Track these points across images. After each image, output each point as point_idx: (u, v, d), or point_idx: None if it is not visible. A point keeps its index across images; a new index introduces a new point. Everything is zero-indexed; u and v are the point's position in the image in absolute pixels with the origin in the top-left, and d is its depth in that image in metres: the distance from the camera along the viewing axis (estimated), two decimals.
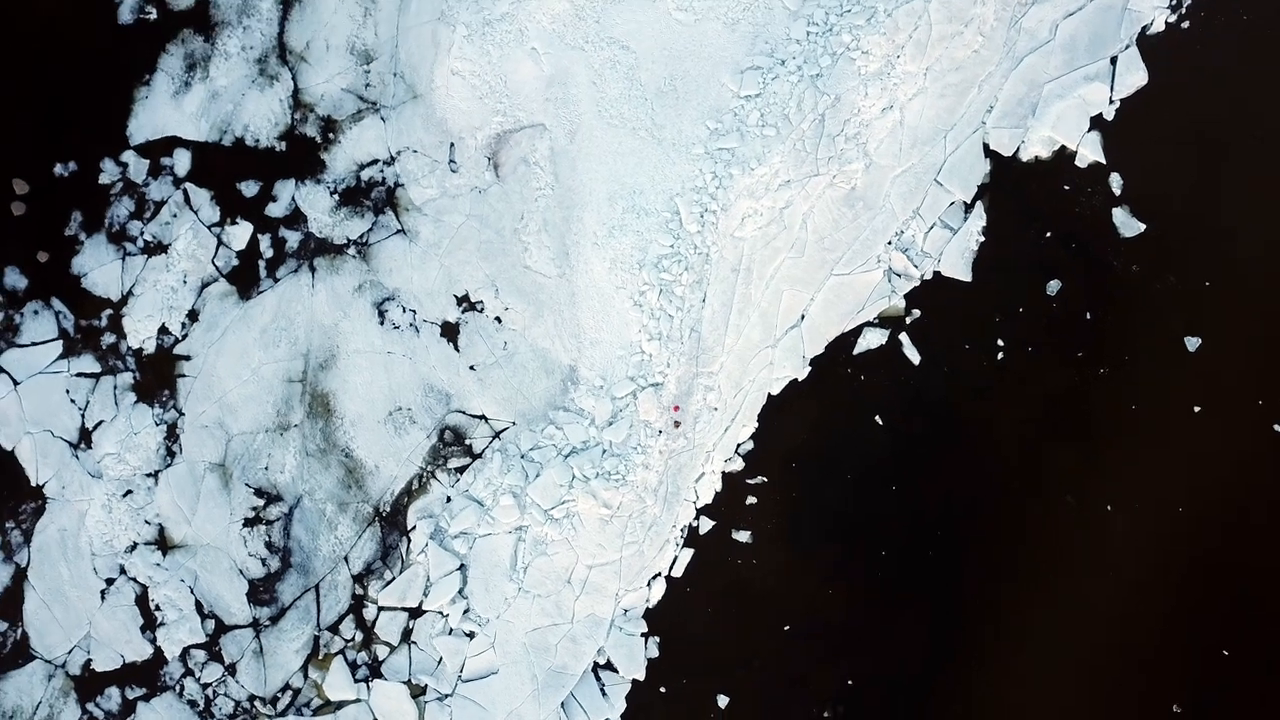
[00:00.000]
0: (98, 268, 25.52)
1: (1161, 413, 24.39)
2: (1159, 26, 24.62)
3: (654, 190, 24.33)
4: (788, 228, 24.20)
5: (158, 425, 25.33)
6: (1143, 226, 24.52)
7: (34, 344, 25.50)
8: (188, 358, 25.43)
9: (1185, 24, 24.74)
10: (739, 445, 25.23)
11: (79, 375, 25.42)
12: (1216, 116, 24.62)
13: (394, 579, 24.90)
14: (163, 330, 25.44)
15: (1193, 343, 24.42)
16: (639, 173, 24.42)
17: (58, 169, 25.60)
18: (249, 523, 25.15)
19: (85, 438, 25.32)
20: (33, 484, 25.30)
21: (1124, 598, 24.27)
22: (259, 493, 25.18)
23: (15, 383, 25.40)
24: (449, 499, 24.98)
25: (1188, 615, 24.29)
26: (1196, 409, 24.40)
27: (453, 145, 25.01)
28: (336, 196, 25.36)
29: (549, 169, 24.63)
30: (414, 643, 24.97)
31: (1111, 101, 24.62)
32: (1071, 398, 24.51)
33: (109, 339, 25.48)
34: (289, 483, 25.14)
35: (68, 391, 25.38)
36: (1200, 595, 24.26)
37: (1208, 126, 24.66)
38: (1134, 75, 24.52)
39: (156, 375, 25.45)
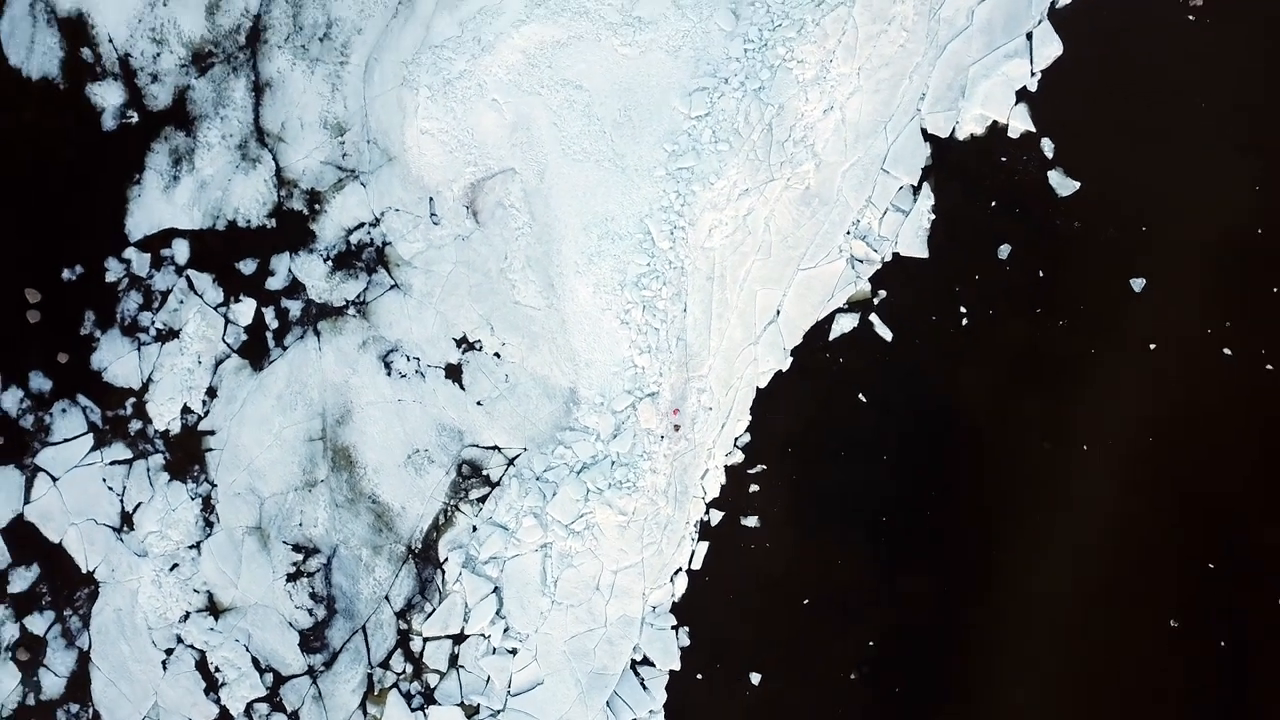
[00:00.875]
0: (116, 360, 27.12)
1: (1120, 353, 26.29)
2: (1066, 0, 26.60)
3: (624, 215, 26.08)
4: (752, 233, 26.01)
5: (193, 499, 26.94)
6: (1077, 185, 26.44)
7: (66, 440, 27.07)
8: (212, 432, 27.06)
9: None
10: (736, 439, 26.97)
11: (113, 463, 27.01)
12: (1128, 76, 26.59)
13: (434, 610, 26.54)
14: (185, 410, 27.06)
15: (1138, 284, 26.34)
16: (608, 201, 26.17)
17: (65, 274, 27.20)
18: (291, 577, 26.76)
19: (127, 520, 26.90)
20: (84, 571, 26.86)
21: (1111, 527, 26.12)
22: (297, 548, 26.80)
23: (54, 479, 26.96)
24: (475, 528, 26.64)
25: (1172, 535, 26.16)
26: (1152, 345, 26.33)
27: (432, 199, 26.74)
28: (330, 262, 27.04)
29: (524, 209, 26.37)
30: (462, 666, 26.60)
31: (1033, 74, 26.54)
32: (1035, 351, 26.40)
33: (136, 425, 27.08)
34: (323, 535, 26.76)
35: (104, 480, 26.96)
36: (1181, 515, 26.14)
37: (1122, 85, 26.61)
38: (1049, 47, 26.46)
39: (185, 453, 27.07)
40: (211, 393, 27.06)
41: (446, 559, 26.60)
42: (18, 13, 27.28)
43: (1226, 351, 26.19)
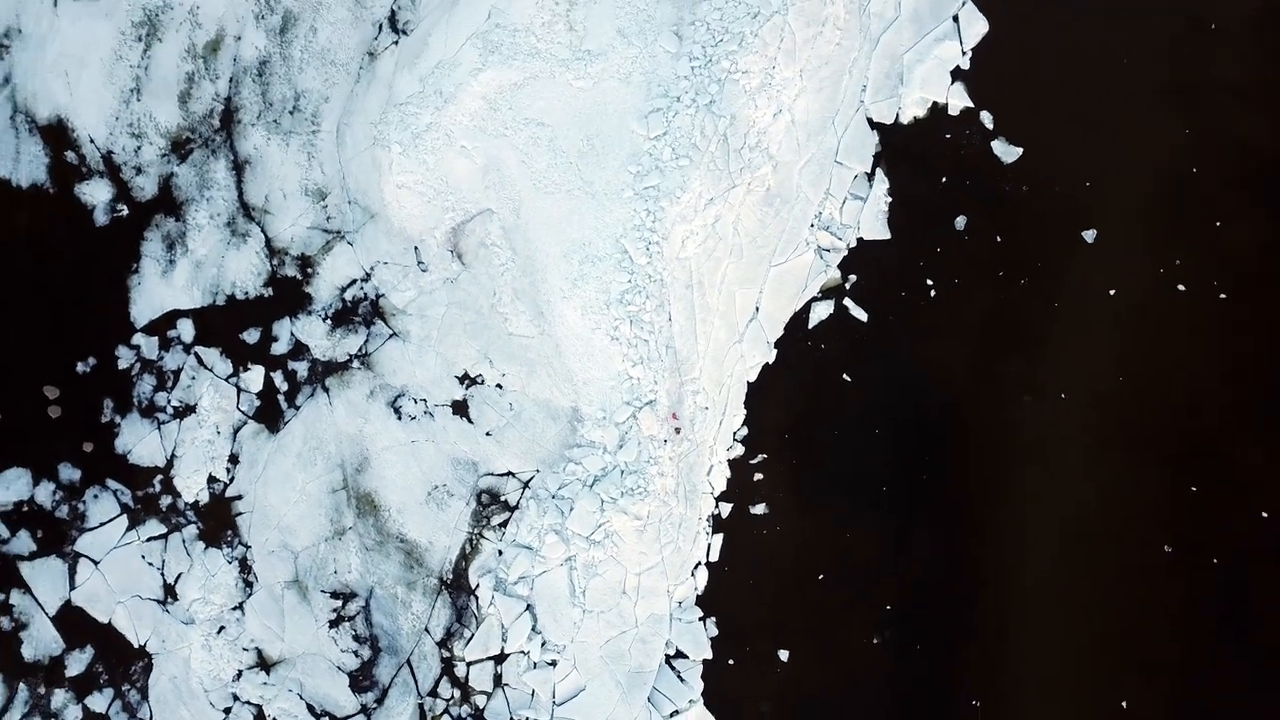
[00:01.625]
0: (139, 442, 28.43)
1: (1082, 302, 27.83)
2: None
3: (600, 238, 27.50)
4: (723, 238, 27.48)
5: (230, 563, 28.25)
6: (1019, 151, 27.99)
7: (102, 524, 28.37)
8: (239, 497, 28.39)
9: None
10: (735, 433, 28.37)
11: (149, 540, 28.31)
12: (1053, 42, 28.22)
13: (473, 634, 27.88)
14: (211, 479, 28.39)
15: (1089, 235, 27.90)
16: (583, 226, 27.59)
17: (80, 367, 28.52)
18: (334, 623, 28.07)
19: (170, 592, 28.19)
20: (136, 646, 28.14)
21: (1097, 466, 27.64)
22: (335, 595, 28.13)
23: (95, 563, 28.24)
24: (500, 552, 28.00)
25: (1155, 465, 27.67)
26: (1111, 291, 27.90)
27: (417, 248, 28.13)
28: (329, 321, 28.41)
29: (505, 245, 27.78)
30: (506, 684, 27.94)
31: (964, 53, 28.10)
32: (1003, 312, 27.93)
33: (166, 500, 28.38)
34: (358, 579, 28.09)
35: (143, 556, 28.26)
36: (1160, 445, 27.67)
37: (1048, 52, 28.23)
38: (976, 26, 28.05)
39: (217, 520, 28.39)
40: (234, 460, 28.41)
41: (478, 585, 27.96)
42: (0, 124, 28.66)
43: (1181, 288, 27.76)
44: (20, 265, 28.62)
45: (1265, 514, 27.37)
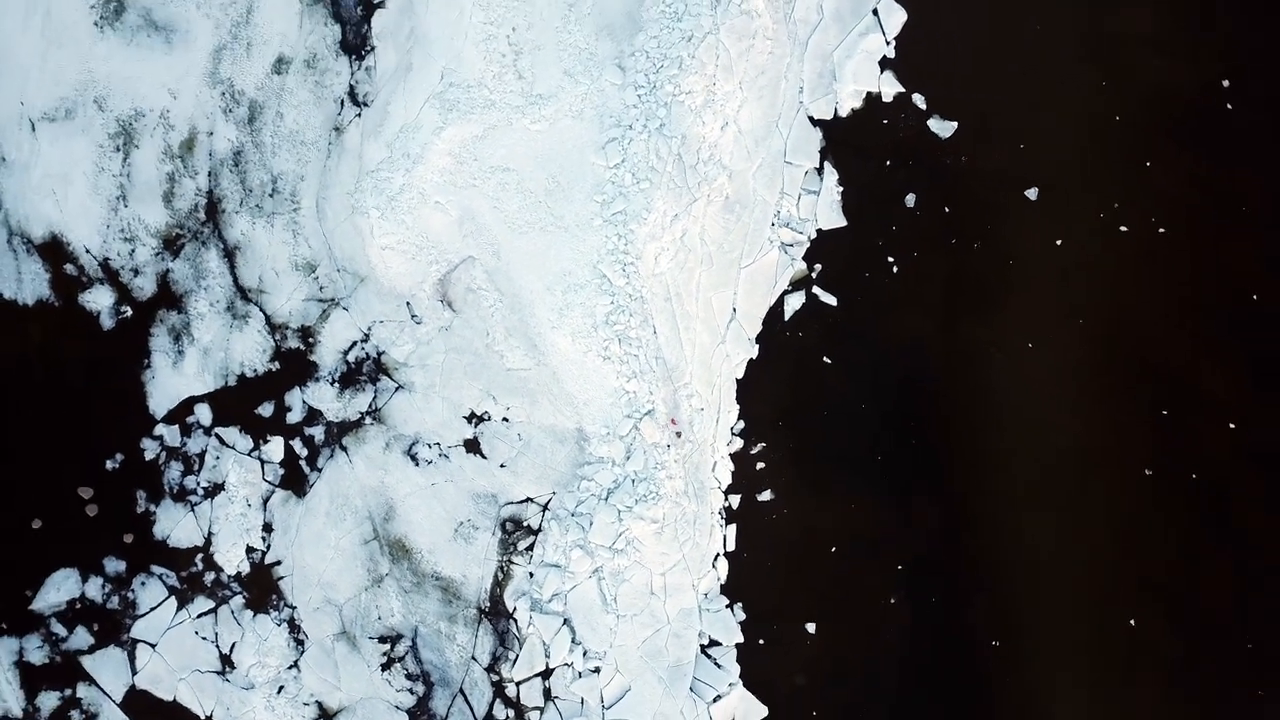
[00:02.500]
0: (175, 526, 29.95)
1: (1034, 256, 29.63)
2: None
3: (578, 267, 29.14)
4: (692, 250, 29.21)
5: (279, 625, 29.80)
6: (954, 125, 29.82)
7: (153, 609, 29.84)
8: (278, 562, 29.94)
9: None
10: (732, 427, 29.99)
11: (200, 616, 29.81)
12: (969, 18, 30.07)
13: (518, 655, 29.48)
14: (249, 550, 29.93)
15: (1032, 193, 29.76)
16: (561, 259, 29.24)
17: (109, 465, 30.03)
18: (385, 666, 29.61)
19: (227, 662, 29.68)
20: (203, 718, 29.65)
21: (1071, 406, 29.40)
22: (382, 639, 29.69)
23: (152, 646, 29.72)
24: (531, 574, 29.63)
25: (1126, 397, 29.48)
26: (1058, 241, 29.78)
27: (409, 303, 29.74)
28: (336, 385, 30.02)
29: (491, 287, 29.43)
30: (556, 698, 29.56)
31: (888, 43, 29.90)
32: (962, 277, 29.72)
33: (210, 576, 29.91)
34: (402, 620, 29.67)
35: (197, 632, 29.74)
36: (1126, 378, 29.51)
37: (966, 27, 30.08)
38: (895, 16, 29.89)
39: (260, 587, 29.94)
40: (267, 528, 29.97)
41: (515, 608, 29.58)
42: None
43: (1123, 229, 29.67)
44: (37, 378, 30.14)
45: (1232, 425, 29.30)
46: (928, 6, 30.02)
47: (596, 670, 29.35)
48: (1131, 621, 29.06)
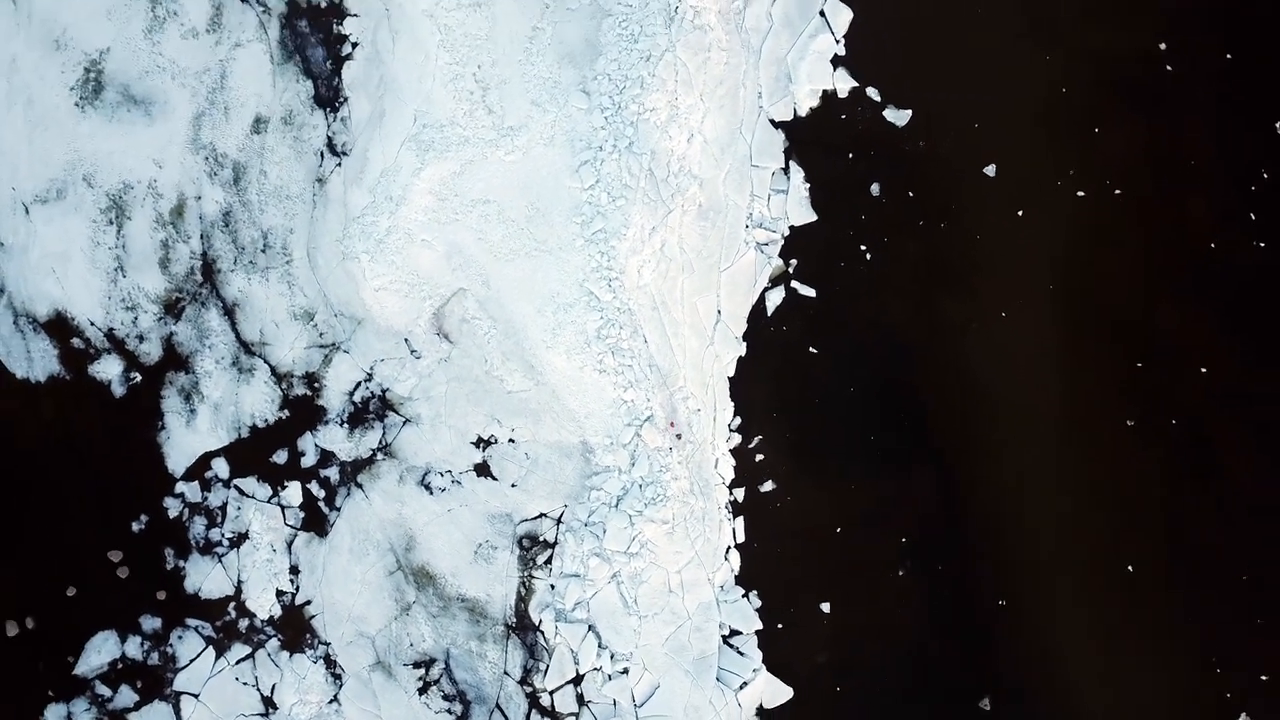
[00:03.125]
0: (205, 578, 31.00)
1: (999, 230, 30.82)
2: None
3: (565, 288, 30.24)
4: (672, 259, 30.37)
5: (315, 662, 30.85)
6: (909, 113, 31.07)
7: (192, 661, 30.87)
8: (308, 602, 31.01)
9: None
10: (729, 424, 31.14)
11: (238, 662, 30.86)
12: (912, 10, 31.31)
13: (548, 665, 30.59)
14: (279, 593, 31.00)
15: (990, 170, 31.02)
16: (548, 281, 30.35)
17: (135, 526, 31.07)
18: (422, 690, 30.68)
19: (269, 704, 30.72)
20: None
21: (1051, 366, 30.56)
22: (416, 665, 30.77)
23: (196, 696, 30.74)
24: (553, 586, 30.74)
25: (1100, 351, 30.65)
26: (1020, 213, 31.05)
27: (407, 340, 30.84)
28: (345, 425, 31.11)
29: (484, 316, 30.56)
30: (590, 702, 30.65)
31: (838, 41, 31.10)
32: (932, 257, 30.92)
33: (244, 623, 30.96)
34: (433, 645, 30.76)
35: (237, 678, 30.78)
36: (1099, 332, 30.70)
37: (911, 18, 31.32)
38: (842, 15, 31.13)
39: (294, 628, 31.00)
40: (294, 570, 31.04)
41: (540, 620, 30.69)
42: (6, 331, 31.23)
43: (1080, 194, 30.97)
44: (57, 452, 31.17)
45: (1204, 369, 30.63)
46: (873, 2, 31.29)
47: (625, 671, 30.48)
48: (1129, 567, 30.36)
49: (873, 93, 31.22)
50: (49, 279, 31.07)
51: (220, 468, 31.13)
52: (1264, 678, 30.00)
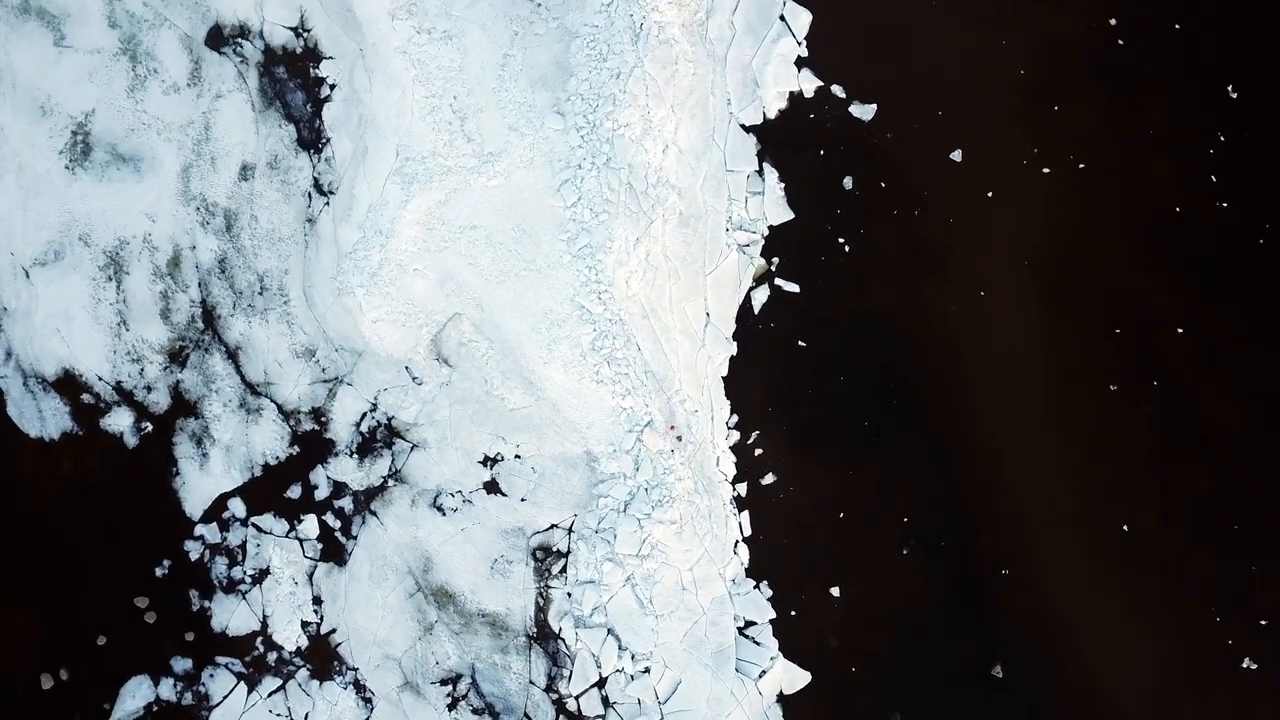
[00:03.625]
0: (231, 616, 31.79)
1: (971, 212, 31.79)
2: None
3: (557, 304, 31.08)
4: (658, 267, 31.26)
5: (345, 689, 31.65)
6: (874, 107, 32.02)
7: (225, 698, 31.65)
8: (333, 630, 31.83)
9: None
10: (726, 422, 32.05)
11: (270, 694, 31.64)
12: (869, 6, 32.33)
13: (572, 671, 31.43)
14: (304, 624, 31.80)
15: (956, 155, 32.00)
16: (539, 298, 31.20)
17: (158, 572, 31.87)
18: (451, 706, 31.50)
19: None
20: None
21: (1032, 340, 31.54)
22: (443, 682, 31.60)
23: None
24: (569, 594, 31.59)
25: (1081, 322, 31.67)
26: (990, 194, 32.04)
27: (407, 368, 31.68)
28: (355, 456, 31.95)
29: (481, 338, 31.42)
30: (615, 704, 31.51)
31: (799, 43, 32.05)
32: (909, 243, 31.90)
33: (272, 656, 31.76)
34: (458, 661, 31.60)
35: (270, 711, 31.55)
36: (1077, 304, 31.70)
37: (869, 16, 32.31)
38: (801, 18, 32.09)
39: (321, 657, 31.82)
40: (317, 601, 31.86)
41: (560, 628, 31.54)
42: (16, 394, 32.00)
43: (1046, 170, 32.00)
44: (76, 506, 31.95)
45: (1180, 329, 31.67)
46: (831, 3, 32.26)
47: (647, 670, 31.34)
48: (1125, 527, 31.37)
49: (837, 90, 32.20)
50: (54, 339, 31.85)
51: (237, 507, 31.94)
52: (1263, 623, 31.06)
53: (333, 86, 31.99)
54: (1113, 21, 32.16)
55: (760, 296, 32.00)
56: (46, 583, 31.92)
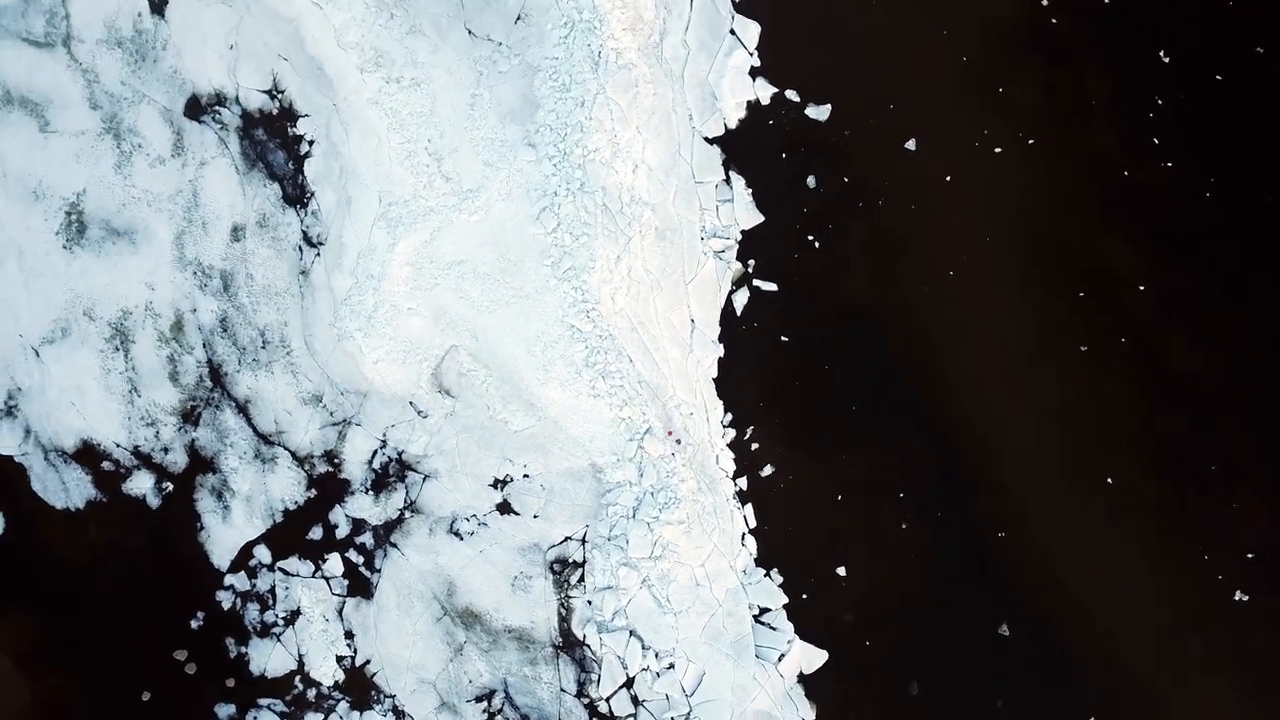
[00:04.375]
0: (268, 659, 33.04)
1: (930, 196, 33.21)
2: None
3: (548, 326, 32.38)
4: (640, 281, 32.61)
5: (385, 716, 32.92)
6: (828, 107, 33.48)
7: None
8: (368, 661, 33.11)
9: None
10: (721, 421, 33.42)
11: None
12: (811, 12, 33.76)
13: (600, 675, 32.77)
14: (339, 659, 33.07)
15: (910, 144, 33.50)
16: (530, 323, 32.52)
17: (193, 624, 33.11)
18: None
19: None
20: None
21: (1001, 309, 32.95)
22: (478, 699, 32.90)
23: None
24: (589, 601, 32.92)
25: (1046, 288, 33.14)
26: (948, 178, 33.55)
27: (412, 403, 33.01)
28: (371, 492, 33.27)
29: (479, 367, 32.76)
30: (644, 701, 32.82)
31: (751, 54, 33.49)
32: (875, 232, 33.29)
33: (312, 693, 33.02)
34: (490, 677, 32.90)
35: None
36: (1041, 270, 33.15)
37: (812, 21, 33.74)
38: (750, 30, 33.51)
39: (359, 688, 33.09)
40: (349, 635, 33.14)
41: (584, 635, 32.87)
42: (40, 470, 33.23)
43: (998, 150, 33.47)
44: (108, 570, 33.23)
45: (1142, 286, 33.21)
46: (777, 12, 33.75)
47: (671, 666, 32.68)
48: (1109, 479, 32.86)
49: (792, 95, 33.68)
50: (70, 412, 33.11)
51: (263, 554, 33.22)
52: (1249, 556, 32.61)
53: (311, 142, 33.33)
54: (1044, 2, 33.75)
55: (741, 298, 33.43)
56: (88, 646, 33.14)
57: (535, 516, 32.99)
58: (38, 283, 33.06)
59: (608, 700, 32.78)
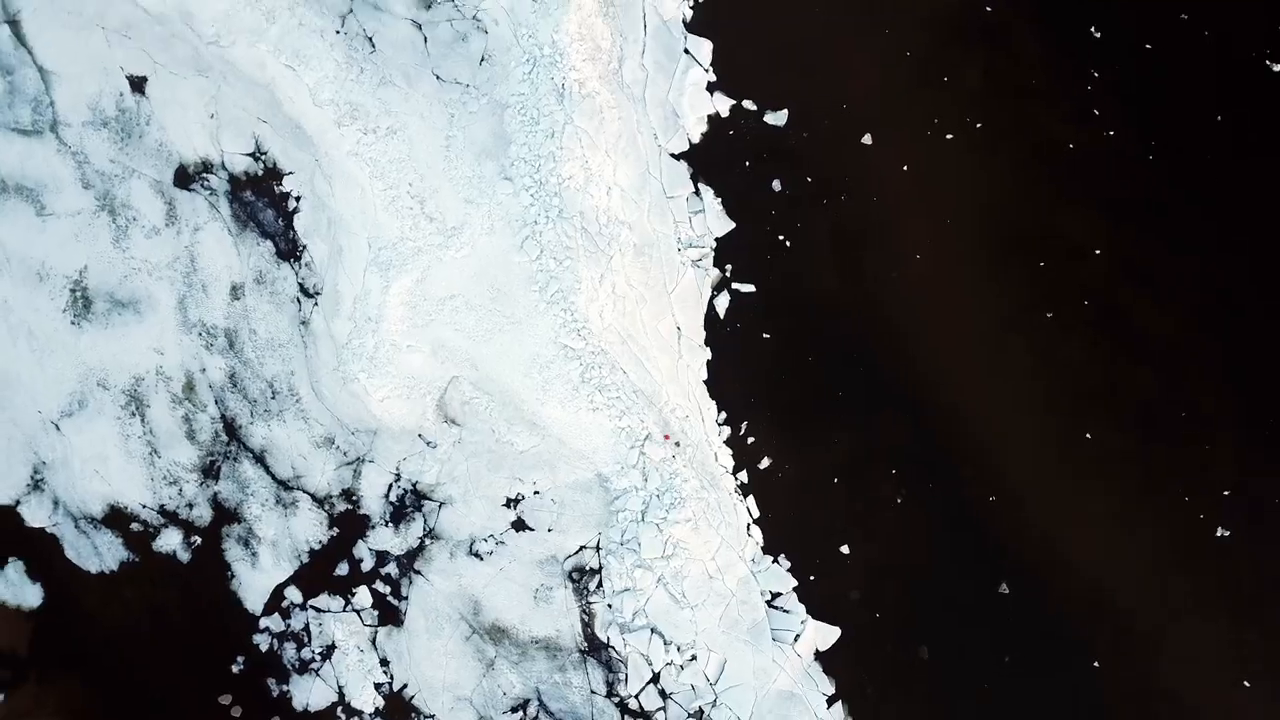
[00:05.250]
0: (309, 694, 34.47)
1: (890, 187, 34.69)
2: (688, 12, 35.39)
3: (542, 348, 33.80)
4: (625, 296, 34.07)
5: None
6: (785, 112, 35.06)
7: None
8: (405, 686, 34.55)
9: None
10: (717, 420, 34.87)
11: None
12: (762, 23, 35.31)
13: (626, 674, 34.31)
14: (377, 686, 34.51)
15: (867, 139, 35.16)
16: (524, 346, 33.97)
17: (234, 668, 34.51)
18: None
19: None
20: None
21: (971, 290, 34.47)
22: (514, 710, 34.35)
23: None
24: (610, 605, 34.45)
25: (1015, 267, 34.79)
26: (905, 167, 35.22)
27: (420, 435, 34.50)
28: (390, 524, 34.75)
29: (481, 394, 34.28)
30: (671, 694, 34.30)
31: (707, 70, 35.06)
32: (842, 227, 34.79)
33: None
34: (523, 688, 34.39)
35: None
36: (1008, 249, 34.84)
37: (762, 31, 35.33)
38: (703, 48, 35.04)
39: (399, 712, 34.51)
40: (384, 663, 34.59)
41: (608, 638, 34.38)
42: (71, 538, 34.58)
43: (949, 136, 35.17)
44: (146, 626, 34.60)
45: (1098, 251, 34.88)
46: (727, 28, 35.36)
47: (693, 658, 34.18)
48: (1088, 435, 34.56)
49: (749, 104, 35.30)
50: (94, 480, 34.49)
51: (294, 595, 34.66)
52: (1225, 493, 34.32)
53: (298, 198, 34.79)
54: None
55: (722, 302, 34.98)
56: (135, 703, 34.51)
57: (549, 530, 34.52)
58: (50, 360, 34.44)
59: (636, 697, 34.30)
